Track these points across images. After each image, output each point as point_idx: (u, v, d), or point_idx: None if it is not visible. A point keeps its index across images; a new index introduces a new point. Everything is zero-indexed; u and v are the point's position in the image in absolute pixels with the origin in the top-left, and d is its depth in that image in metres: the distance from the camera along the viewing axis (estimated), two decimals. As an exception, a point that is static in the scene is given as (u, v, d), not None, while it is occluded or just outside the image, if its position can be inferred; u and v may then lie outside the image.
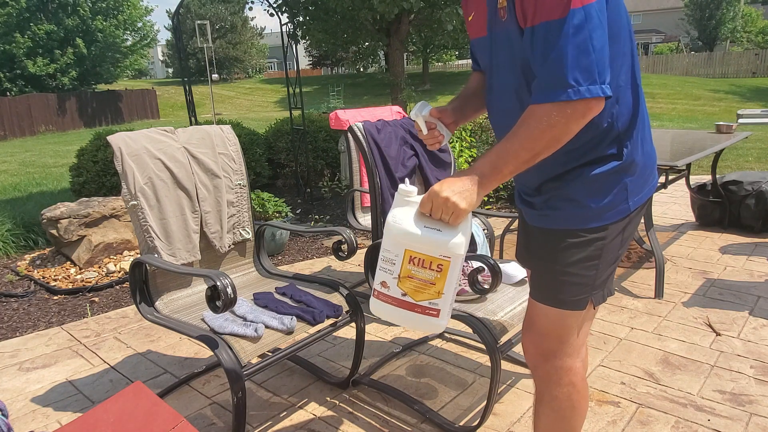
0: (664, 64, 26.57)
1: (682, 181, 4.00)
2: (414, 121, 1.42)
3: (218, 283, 1.59)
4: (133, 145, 2.00)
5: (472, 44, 1.40)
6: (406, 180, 1.28)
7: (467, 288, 1.89)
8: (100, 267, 3.70)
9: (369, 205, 2.87)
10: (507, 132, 1.14)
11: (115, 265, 3.69)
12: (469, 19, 1.31)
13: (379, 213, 2.42)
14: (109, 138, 1.97)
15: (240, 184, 2.32)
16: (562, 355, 1.29)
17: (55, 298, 3.33)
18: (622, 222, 1.22)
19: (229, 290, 1.58)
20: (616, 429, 1.88)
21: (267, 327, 1.79)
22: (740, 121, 11.51)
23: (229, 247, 2.28)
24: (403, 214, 1.19)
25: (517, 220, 4.28)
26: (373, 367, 2.34)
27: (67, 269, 3.68)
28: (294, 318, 1.82)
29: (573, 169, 1.21)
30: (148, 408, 1.09)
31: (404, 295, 1.21)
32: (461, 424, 1.95)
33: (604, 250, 1.22)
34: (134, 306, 2.13)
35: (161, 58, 42.62)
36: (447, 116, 1.44)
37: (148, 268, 1.98)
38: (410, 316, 1.22)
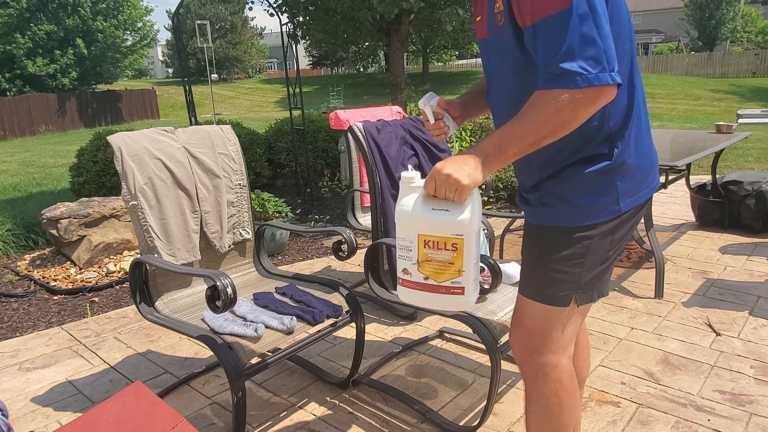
0: (664, 64, 26.57)
1: (682, 181, 4.00)
2: (421, 110, 1.43)
3: (218, 283, 1.59)
4: (133, 145, 2.00)
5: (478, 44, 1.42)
6: (409, 166, 1.29)
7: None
8: (100, 267, 3.70)
9: (369, 205, 2.87)
10: None
11: (115, 265, 3.69)
12: (477, 20, 1.33)
13: (379, 213, 2.42)
14: (109, 138, 1.97)
15: (240, 184, 2.32)
16: (546, 352, 1.30)
17: (55, 298, 3.33)
18: (611, 223, 1.22)
19: (229, 290, 1.58)
20: (616, 429, 1.88)
21: (267, 327, 1.79)
22: (740, 121, 11.51)
23: (229, 247, 2.28)
24: (410, 200, 1.21)
25: (516, 220, 4.28)
26: (373, 367, 2.34)
27: (67, 269, 3.68)
28: (294, 318, 1.82)
29: (566, 168, 1.22)
30: (148, 408, 1.09)
31: (426, 278, 1.23)
32: (461, 424, 1.95)
33: (590, 248, 1.22)
34: (134, 306, 2.13)
35: (161, 58, 42.61)
36: (455, 109, 1.45)
37: (148, 268, 1.98)
38: (437, 298, 1.25)
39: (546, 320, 1.29)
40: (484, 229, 2.65)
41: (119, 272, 3.65)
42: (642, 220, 3.13)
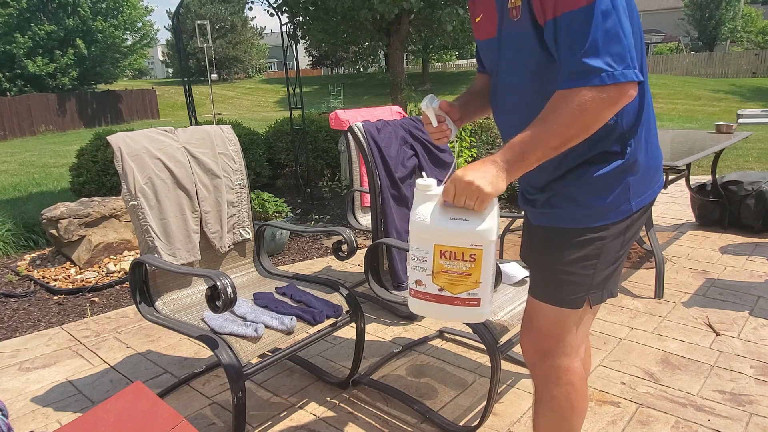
0: (664, 64, 26.55)
1: (682, 181, 4.00)
2: (423, 113, 1.40)
3: (218, 283, 1.59)
4: (133, 145, 2.00)
5: (478, 46, 1.39)
6: (424, 174, 1.27)
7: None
8: (100, 267, 3.70)
9: (369, 205, 2.87)
10: (512, 132, 1.13)
11: (115, 265, 3.69)
12: (477, 20, 1.30)
13: (379, 213, 2.42)
14: (109, 138, 1.97)
15: (240, 184, 2.32)
16: (559, 354, 1.29)
17: (55, 298, 3.33)
18: (624, 222, 1.21)
19: (229, 290, 1.58)
20: (616, 429, 1.88)
21: (267, 327, 1.79)
22: (740, 121, 11.50)
23: (229, 247, 2.28)
24: (426, 208, 1.16)
25: (516, 220, 4.28)
26: (373, 367, 2.34)
27: (67, 269, 3.68)
28: (294, 318, 1.82)
29: (577, 167, 1.20)
30: (148, 408, 1.09)
31: (441, 290, 1.19)
32: (461, 424, 1.95)
33: (604, 249, 1.21)
34: (134, 306, 2.13)
35: (161, 58, 42.60)
36: (454, 112, 1.43)
37: (148, 268, 1.98)
38: (451, 310, 1.20)
39: (559, 323, 1.27)
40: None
41: (119, 272, 3.65)
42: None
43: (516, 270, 2.12)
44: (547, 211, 1.25)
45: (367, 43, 9.85)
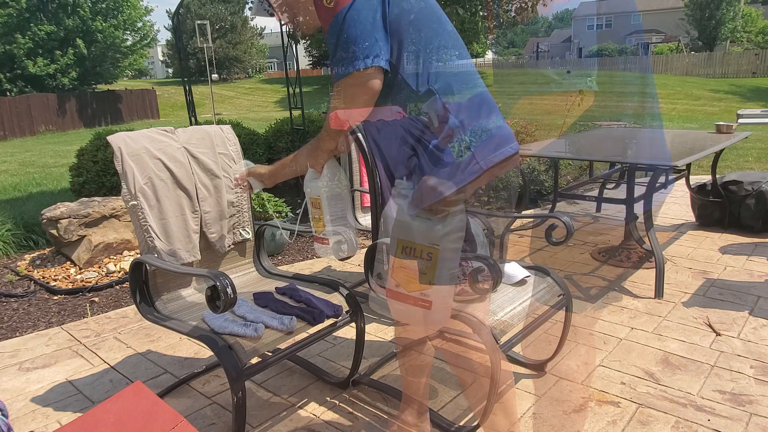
0: (664, 64, 26.57)
1: (682, 181, 4.00)
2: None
3: (218, 283, 1.59)
4: (133, 145, 2.00)
5: None
6: (404, 177, 1.33)
7: (467, 288, 1.88)
8: (100, 267, 3.70)
9: (369, 205, 2.87)
10: None
11: (115, 265, 3.69)
12: None
13: (379, 213, 2.42)
14: (109, 138, 1.97)
15: (240, 184, 2.32)
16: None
17: (55, 298, 3.33)
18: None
19: (229, 290, 1.58)
20: (616, 429, 1.88)
21: (267, 327, 1.79)
22: (740, 121, 11.51)
23: (229, 247, 2.28)
24: (397, 204, 1.25)
25: (516, 220, 4.25)
26: (373, 367, 2.34)
27: (67, 269, 3.68)
28: (294, 318, 1.82)
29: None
30: (148, 408, 1.09)
31: (397, 285, 1.23)
32: (461, 424, 1.95)
33: None
34: (134, 306, 2.13)
35: (161, 58, 42.60)
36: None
37: (148, 268, 1.98)
38: (404, 309, 1.24)
39: None
40: (484, 230, 2.65)
41: (119, 272, 3.65)
42: (643, 220, 3.13)
43: (516, 270, 2.12)
44: None
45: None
